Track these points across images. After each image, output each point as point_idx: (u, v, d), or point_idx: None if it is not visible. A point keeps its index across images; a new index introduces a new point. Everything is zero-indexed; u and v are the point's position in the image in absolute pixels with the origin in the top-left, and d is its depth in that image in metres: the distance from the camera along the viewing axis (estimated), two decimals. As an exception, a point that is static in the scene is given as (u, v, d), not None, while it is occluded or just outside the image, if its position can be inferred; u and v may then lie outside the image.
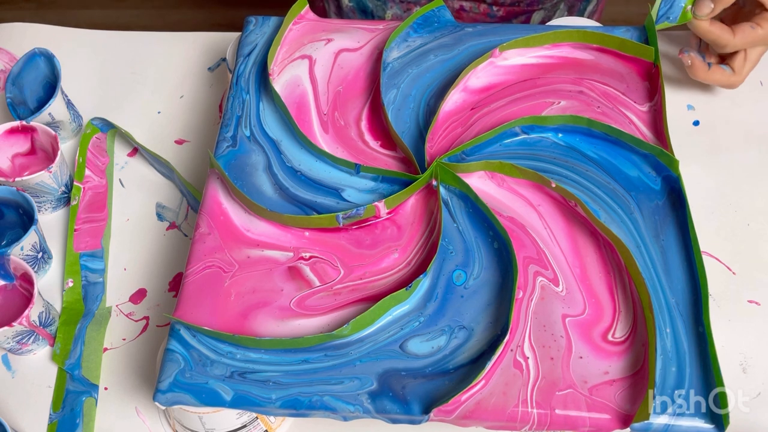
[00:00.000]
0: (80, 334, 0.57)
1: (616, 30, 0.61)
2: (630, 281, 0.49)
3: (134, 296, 0.60)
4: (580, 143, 0.56)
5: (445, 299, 0.49)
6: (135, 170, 0.67)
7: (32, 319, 0.55)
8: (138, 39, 0.76)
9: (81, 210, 0.64)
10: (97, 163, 0.67)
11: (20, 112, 0.67)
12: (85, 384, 0.56)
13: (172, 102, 0.71)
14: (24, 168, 0.64)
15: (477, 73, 0.60)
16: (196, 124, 0.70)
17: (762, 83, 0.68)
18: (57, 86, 0.65)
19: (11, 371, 0.57)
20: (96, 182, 0.66)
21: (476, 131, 0.56)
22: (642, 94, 0.58)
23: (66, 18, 0.94)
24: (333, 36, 0.63)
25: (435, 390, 0.46)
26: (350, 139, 0.57)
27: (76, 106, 0.69)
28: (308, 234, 0.53)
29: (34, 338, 0.56)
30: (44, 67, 0.67)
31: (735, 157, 0.63)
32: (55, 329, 0.58)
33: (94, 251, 0.62)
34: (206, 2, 1.58)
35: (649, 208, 0.52)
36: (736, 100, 0.67)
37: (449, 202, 0.53)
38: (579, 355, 0.46)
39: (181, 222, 0.64)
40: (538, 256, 0.50)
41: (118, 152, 0.69)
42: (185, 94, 0.72)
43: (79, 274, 0.61)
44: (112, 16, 1.58)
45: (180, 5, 1.58)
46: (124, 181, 0.67)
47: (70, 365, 0.56)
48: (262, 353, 0.48)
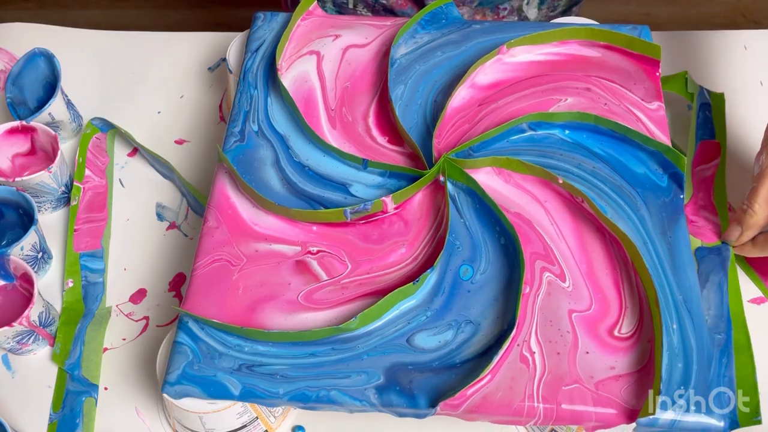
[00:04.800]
0: (80, 334, 0.57)
1: (623, 28, 0.61)
2: (636, 277, 0.49)
3: (134, 296, 0.60)
4: (587, 140, 0.56)
5: (452, 294, 0.49)
6: (135, 170, 0.67)
7: (32, 319, 0.55)
8: (138, 39, 0.76)
9: (81, 210, 0.64)
10: (97, 163, 0.67)
11: (20, 112, 0.67)
12: (85, 384, 0.56)
13: (172, 102, 0.72)
14: (24, 168, 0.64)
15: (484, 69, 0.60)
16: (196, 124, 0.70)
17: (762, 83, 0.68)
18: (57, 86, 0.65)
19: (11, 371, 0.57)
20: (96, 182, 0.66)
21: (483, 127, 0.57)
22: (649, 92, 0.58)
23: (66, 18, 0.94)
24: (341, 32, 0.63)
25: (442, 384, 0.46)
26: (358, 135, 0.57)
27: (76, 106, 0.69)
28: (316, 228, 0.53)
29: (34, 338, 0.56)
30: (44, 67, 0.67)
31: (735, 157, 0.64)
32: (55, 329, 0.58)
33: (94, 251, 0.62)
34: (206, 2, 1.58)
35: (656, 205, 0.52)
36: (736, 101, 0.67)
37: (456, 197, 0.54)
38: (585, 350, 0.47)
39: (181, 222, 0.64)
40: (544, 252, 0.51)
41: (118, 152, 0.69)
42: (185, 94, 0.72)
43: (79, 274, 0.61)
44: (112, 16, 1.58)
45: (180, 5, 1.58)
46: (124, 181, 0.67)
47: (70, 365, 0.56)
48: (270, 346, 0.48)
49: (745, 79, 0.69)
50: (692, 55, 0.71)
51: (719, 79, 0.69)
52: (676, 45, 0.70)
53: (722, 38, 0.73)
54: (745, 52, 0.71)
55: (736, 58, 0.71)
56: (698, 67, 0.70)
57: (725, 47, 0.72)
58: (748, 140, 0.65)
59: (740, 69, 0.70)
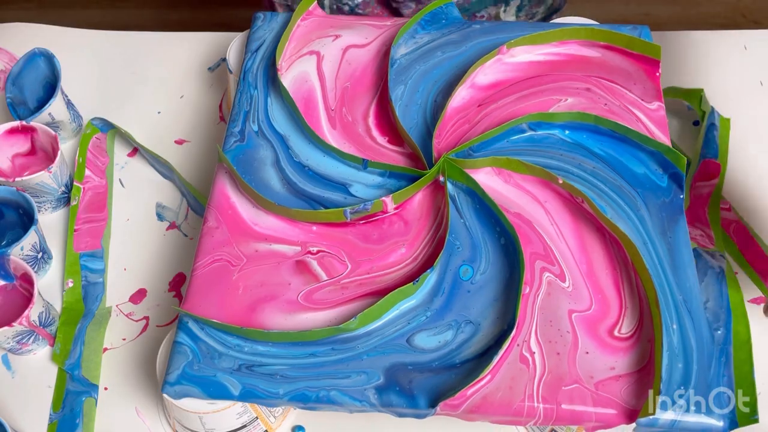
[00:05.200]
0: (80, 334, 0.57)
1: (624, 28, 0.61)
2: (636, 277, 0.49)
3: (134, 296, 0.60)
4: (587, 140, 0.56)
5: (452, 294, 0.49)
6: (135, 170, 0.68)
7: (32, 319, 0.55)
8: (138, 39, 0.76)
9: (81, 210, 0.64)
10: (97, 163, 0.67)
11: (20, 112, 0.67)
12: (85, 384, 0.56)
13: (172, 102, 0.72)
14: (24, 168, 0.65)
15: (484, 69, 0.60)
16: (196, 124, 0.70)
17: (762, 83, 0.68)
18: (57, 86, 0.65)
19: (11, 371, 0.57)
20: (96, 182, 0.66)
21: (483, 128, 0.57)
22: (649, 92, 0.58)
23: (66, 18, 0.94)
24: (341, 32, 0.63)
25: (441, 384, 0.46)
26: (358, 135, 0.57)
27: (76, 106, 0.69)
28: (316, 228, 0.53)
29: (34, 338, 0.56)
30: (44, 67, 0.67)
31: (735, 157, 0.64)
32: (55, 329, 0.58)
33: (94, 251, 0.62)
34: (206, 2, 1.58)
35: (655, 205, 0.52)
36: (736, 101, 0.67)
37: (456, 197, 0.54)
38: (585, 351, 0.47)
39: (181, 222, 0.64)
40: (544, 252, 0.51)
41: (118, 152, 0.69)
42: (185, 94, 0.72)
43: (79, 274, 0.61)
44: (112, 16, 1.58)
45: (180, 5, 1.58)
46: (124, 181, 0.67)
47: (70, 365, 0.56)
48: (269, 346, 0.48)
49: (745, 79, 0.69)
50: (692, 55, 0.71)
51: (719, 79, 0.69)
52: (676, 45, 0.70)
53: (722, 38, 0.73)
54: (745, 52, 0.72)
55: (736, 58, 0.71)
56: (698, 67, 0.70)
57: (725, 47, 0.72)
58: (749, 140, 0.65)
59: (740, 69, 0.70)
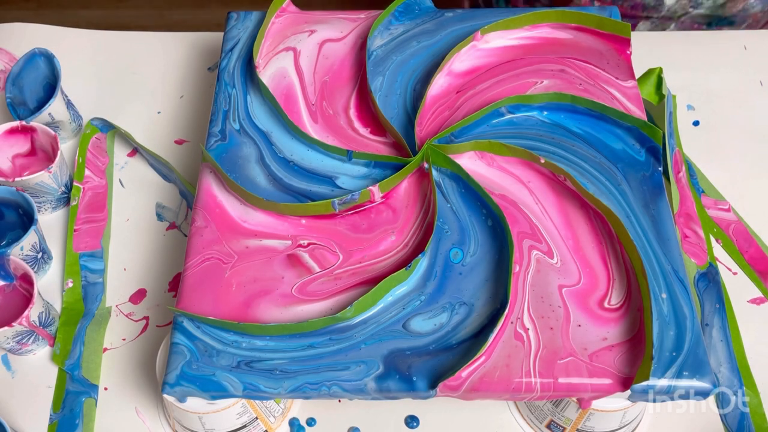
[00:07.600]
0: (80, 335, 0.57)
1: (592, 9, 0.62)
2: (622, 249, 0.50)
3: (134, 296, 0.60)
4: (565, 120, 0.57)
5: (444, 277, 0.50)
6: (135, 170, 0.67)
7: (32, 320, 0.55)
8: (138, 39, 0.76)
9: (81, 210, 0.64)
10: (97, 164, 0.67)
11: (20, 112, 0.67)
12: (84, 384, 0.56)
13: (172, 102, 0.71)
14: (24, 168, 0.64)
15: (460, 56, 0.61)
16: (196, 124, 0.70)
17: (762, 83, 0.69)
18: (57, 86, 0.65)
19: (11, 371, 0.57)
20: (96, 182, 0.66)
21: (463, 113, 0.57)
22: (622, 70, 0.59)
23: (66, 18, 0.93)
24: (316, 27, 0.64)
25: (440, 366, 0.47)
26: (340, 128, 0.58)
27: (76, 106, 0.69)
28: (305, 222, 0.53)
29: (34, 338, 0.56)
30: (44, 67, 0.67)
31: (734, 157, 0.65)
32: (55, 329, 0.58)
33: (94, 251, 0.62)
34: (206, 2, 1.57)
35: (636, 179, 0.53)
36: (736, 101, 0.68)
37: (441, 183, 0.54)
38: (577, 324, 0.48)
39: (181, 222, 0.64)
40: (531, 231, 0.51)
41: (118, 152, 0.68)
42: (185, 94, 0.72)
43: (79, 274, 0.60)
44: (112, 16, 1.56)
45: (180, 5, 1.57)
46: (124, 181, 0.67)
47: (70, 365, 0.56)
48: (267, 340, 0.48)
49: (745, 79, 0.70)
50: (693, 55, 0.72)
51: (719, 79, 0.70)
52: (676, 45, 0.71)
53: (722, 38, 0.74)
54: (745, 52, 0.72)
55: (736, 58, 0.72)
56: (698, 67, 0.71)
57: (725, 47, 0.73)
58: (749, 140, 0.66)
59: (740, 69, 0.71)
